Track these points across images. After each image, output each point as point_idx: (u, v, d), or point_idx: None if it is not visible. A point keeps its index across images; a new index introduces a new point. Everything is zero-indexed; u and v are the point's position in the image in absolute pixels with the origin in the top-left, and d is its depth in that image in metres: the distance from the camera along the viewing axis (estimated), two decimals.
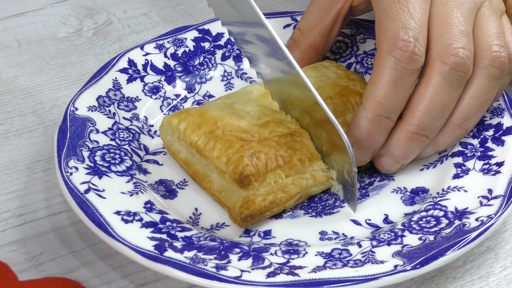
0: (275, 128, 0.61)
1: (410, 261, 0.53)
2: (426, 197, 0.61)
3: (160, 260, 0.53)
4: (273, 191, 0.58)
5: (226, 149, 0.58)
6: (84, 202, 0.56)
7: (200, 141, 0.60)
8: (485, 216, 0.56)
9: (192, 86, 0.71)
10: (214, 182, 0.60)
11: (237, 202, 0.58)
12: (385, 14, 0.59)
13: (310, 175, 0.60)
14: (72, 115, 0.64)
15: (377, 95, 0.58)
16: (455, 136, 0.62)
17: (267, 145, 0.59)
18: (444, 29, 0.59)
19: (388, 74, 0.58)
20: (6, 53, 0.81)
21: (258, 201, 0.57)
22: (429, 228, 0.57)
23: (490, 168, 0.61)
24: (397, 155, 0.61)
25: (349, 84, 0.65)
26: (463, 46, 0.58)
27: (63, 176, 0.58)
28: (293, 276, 0.52)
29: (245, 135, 0.60)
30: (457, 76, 0.58)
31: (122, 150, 0.63)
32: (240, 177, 0.57)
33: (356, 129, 0.59)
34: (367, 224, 0.59)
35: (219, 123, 0.60)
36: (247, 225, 0.58)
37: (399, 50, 0.57)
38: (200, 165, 0.61)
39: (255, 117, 0.62)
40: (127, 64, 0.70)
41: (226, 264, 0.53)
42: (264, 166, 0.58)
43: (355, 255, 0.55)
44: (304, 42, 0.68)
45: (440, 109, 0.59)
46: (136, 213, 0.57)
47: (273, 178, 0.58)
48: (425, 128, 0.59)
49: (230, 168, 0.57)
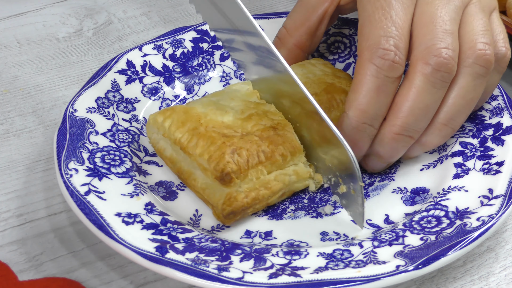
0: (258, 121, 0.61)
1: (412, 261, 0.53)
2: (426, 197, 0.61)
3: (162, 261, 0.53)
4: (255, 188, 0.58)
5: (208, 146, 0.58)
6: (84, 204, 0.56)
7: (183, 138, 0.60)
8: (486, 216, 0.56)
9: (191, 87, 0.71)
10: (198, 179, 0.60)
11: (220, 199, 0.58)
12: (367, 21, 0.59)
13: (293, 171, 0.60)
14: (71, 116, 0.64)
15: (360, 103, 0.58)
16: (442, 136, 0.62)
17: (249, 140, 0.59)
18: (428, 29, 0.59)
19: (369, 82, 0.58)
20: (6, 53, 0.80)
21: (241, 198, 0.58)
22: (430, 228, 0.57)
23: (490, 168, 0.61)
24: (382, 155, 0.61)
25: (335, 82, 0.65)
26: (446, 46, 0.58)
27: (63, 178, 0.58)
28: (295, 277, 0.52)
29: (228, 131, 0.60)
30: (440, 76, 0.58)
31: (122, 151, 0.63)
32: (221, 175, 0.57)
33: None
34: (368, 224, 0.59)
35: (202, 120, 0.60)
36: (230, 222, 0.58)
37: (380, 59, 0.57)
38: (184, 163, 0.61)
39: (239, 111, 0.62)
40: (126, 65, 0.70)
41: (228, 265, 0.53)
42: (245, 163, 0.58)
43: (356, 256, 0.55)
44: (290, 41, 0.68)
45: (423, 110, 0.59)
46: (137, 215, 0.57)
47: (255, 174, 0.58)
48: (408, 129, 0.59)
49: (212, 166, 0.57)
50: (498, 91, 0.67)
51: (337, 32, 0.75)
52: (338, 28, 0.75)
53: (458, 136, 0.65)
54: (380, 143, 0.60)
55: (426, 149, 0.63)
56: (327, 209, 0.60)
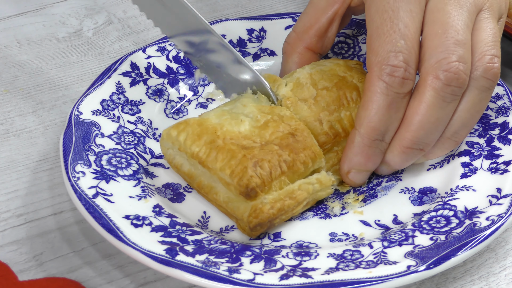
0: (276, 128, 0.59)
1: (423, 262, 0.53)
2: (434, 197, 0.61)
3: (172, 264, 0.52)
4: (280, 198, 0.57)
5: (229, 160, 0.57)
6: (93, 207, 0.56)
7: (201, 152, 0.58)
8: (495, 215, 0.57)
9: (196, 89, 0.71)
10: (220, 193, 0.59)
11: (244, 212, 0.57)
12: (375, 34, 0.58)
13: (316, 180, 0.59)
14: (76, 119, 0.63)
15: (371, 121, 0.58)
16: (445, 148, 0.61)
17: (269, 150, 0.58)
18: (439, 40, 0.57)
19: (379, 99, 0.58)
20: (6, 53, 0.80)
21: (266, 209, 0.57)
22: (440, 228, 0.57)
23: (498, 167, 0.61)
24: (392, 165, 0.61)
25: (347, 75, 0.64)
26: (457, 60, 0.57)
27: (71, 180, 0.58)
28: (306, 278, 0.52)
29: (246, 142, 0.58)
30: (450, 91, 0.57)
31: (128, 154, 0.63)
32: (246, 190, 0.56)
33: (354, 155, 0.60)
34: (376, 224, 0.59)
35: (218, 132, 0.59)
36: (256, 234, 0.57)
37: (389, 76, 0.57)
38: (204, 177, 0.60)
39: (254, 118, 0.60)
40: (130, 67, 0.70)
41: (239, 267, 0.53)
42: (268, 175, 0.57)
43: (367, 256, 0.55)
44: (300, 44, 0.68)
45: (433, 124, 0.58)
46: (145, 217, 0.57)
47: (278, 185, 0.57)
48: (419, 143, 0.59)
49: (235, 181, 0.56)
50: (504, 91, 0.67)
51: (340, 33, 0.75)
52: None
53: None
54: (390, 155, 0.60)
55: (429, 159, 0.63)
56: (336, 209, 0.60)
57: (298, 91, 0.63)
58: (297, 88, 0.63)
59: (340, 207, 0.61)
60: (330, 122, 0.61)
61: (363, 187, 0.62)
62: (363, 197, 0.61)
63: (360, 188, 0.62)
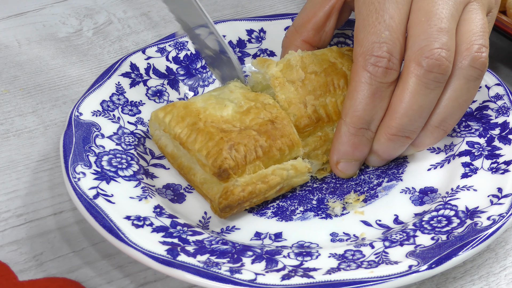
0: (257, 115, 0.61)
1: (425, 261, 0.53)
2: (435, 197, 0.61)
3: (174, 264, 0.52)
4: (252, 182, 0.58)
5: (207, 141, 0.59)
6: (93, 208, 0.56)
7: (183, 134, 0.60)
8: (496, 214, 0.57)
9: (195, 89, 0.71)
10: (197, 174, 0.60)
11: (217, 193, 0.58)
12: (362, 25, 0.59)
13: (291, 166, 0.60)
14: (76, 120, 0.63)
15: (356, 110, 0.59)
16: (434, 137, 0.62)
17: (247, 135, 0.59)
18: (422, 28, 0.58)
19: (364, 89, 0.59)
20: (6, 53, 0.80)
21: (237, 192, 0.58)
22: (441, 227, 0.57)
23: (498, 167, 0.61)
24: (380, 154, 0.62)
25: (337, 62, 0.65)
26: (440, 46, 0.57)
27: (71, 181, 0.58)
28: (308, 278, 0.52)
29: (226, 126, 0.60)
30: (433, 77, 0.58)
31: (128, 154, 0.63)
32: (219, 171, 0.57)
33: (341, 145, 0.61)
34: (377, 224, 0.59)
35: (201, 115, 0.60)
36: (226, 216, 0.59)
37: (373, 66, 0.58)
38: (184, 158, 0.61)
39: (238, 104, 0.62)
40: (130, 68, 0.69)
41: (240, 267, 0.53)
42: (243, 158, 0.58)
43: (368, 256, 0.55)
44: (297, 37, 0.68)
45: (417, 111, 0.59)
46: (146, 218, 0.57)
47: (252, 169, 0.58)
48: (403, 130, 0.60)
49: (210, 162, 0.58)
50: (504, 91, 0.67)
51: (340, 33, 0.75)
52: (341, 29, 0.75)
53: (464, 135, 0.65)
54: (377, 143, 0.61)
55: (418, 150, 0.63)
56: (337, 210, 0.60)
57: (288, 72, 0.63)
58: (287, 69, 0.63)
59: (341, 207, 0.61)
60: (315, 106, 0.62)
61: (364, 187, 0.62)
62: (364, 197, 0.61)
63: (360, 188, 0.62)
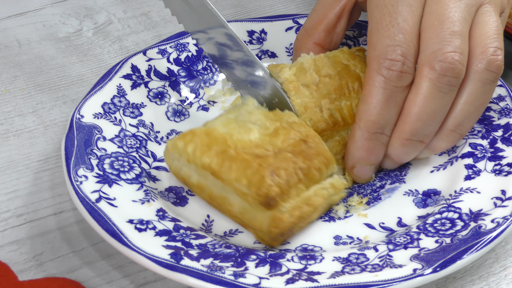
0: (287, 136, 0.58)
1: (429, 265, 0.53)
2: (438, 199, 0.61)
3: (177, 268, 0.52)
4: (298, 206, 0.56)
5: (244, 169, 0.56)
6: (96, 211, 0.56)
7: (213, 163, 0.57)
8: (500, 217, 0.56)
9: (197, 91, 0.71)
10: (234, 204, 0.57)
11: (263, 222, 0.56)
12: (375, 28, 0.59)
13: (329, 184, 0.59)
14: (78, 122, 0.63)
15: (370, 115, 0.59)
16: (450, 141, 0.61)
17: (284, 158, 0.57)
18: (435, 31, 0.58)
19: (378, 93, 0.58)
20: (6, 53, 0.80)
21: (286, 218, 0.55)
22: (445, 230, 0.57)
23: (501, 169, 0.61)
24: (393, 158, 0.61)
25: (350, 64, 0.64)
26: (453, 50, 0.57)
27: (73, 185, 0.57)
28: (312, 282, 0.52)
29: (259, 150, 0.57)
30: (446, 81, 0.57)
31: (130, 157, 0.62)
32: (267, 200, 0.55)
33: (355, 149, 0.60)
34: (381, 227, 0.59)
35: (229, 141, 0.57)
36: (278, 244, 0.57)
37: (387, 70, 0.57)
38: (215, 188, 0.58)
39: (263, 126, 0.59)
40: (131, 70, 0.69)
41: (244, 271, 0.53)
42: (286, 183, 0.56)
43: (372, 260, 0.55)
44: (309, 40, 0.68)
45: (431, 115, 0.59)
46: (149, 221, 0.56)
47: (295, 192, 0.56)
48: (417, 134, 0.59)
49: (253, 191, 0.55)
50: (506, 92, 0.67)
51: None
52: None
53: (467, 137, 0.64)
54: (391, 148, 0.60)
55: (434, 153, 0.63)
56: (340, 212, 0.60)
57: (301, 76, 0.63)
58: (300, 73, 0.63)
59: (344, 210, 0.60)
60: (330, 110, 0.62)
61: (367, 189, 0.62)
62: (367, 200, 0.61)
63: (363, 191, 0.62)
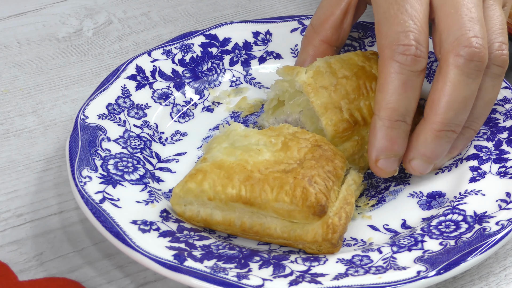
0: (298, 145, 0.58)
1: (433, 267, 0.53)
2: (443, 201, 0.60)
3: (181, 270, 0.52)
4: (341, 207, 0.56)
5: (281, 187, 0.55)
6: (100, 212, 0.56)
7: (242, 192, 0.55)
8: (505, 220, 0.56)
9: (201, 92, 0.71)
10: (275, 227, 0.56)
11: (316, 233, 0.55)
12: (383, 18, 0.59)
13: (352, 180, 0.59)
14: (82, 123, 0.63)
15: (389, 102, 0.58)
16: (466, 138, 0.61)
17: (310, 166, 0.56)
18: (453, 19, 0.58)
19: (395, 79, 0.58)
20: (6, 53, 0.80)
21: (337, 221, 0.55)
22: (449, 232, 0.56)
23: (506, 171, 0.61)
24: (428, 155, 0.60)
25: (365, 65, 0.64)
26: (475, 35, 0.57)
27: (77, 185, 0.57)
28: (315, 284, 0.52)
29: (283, 166, 0.56)
30: (473, 66, 0.57)
31: (135, 158, 0.62)
32: (320, 208, 0.54)
33: (378, 140, 0.59)
34: (385, 229, 0.59)
35: (248, 166, 0.56)
36: (338, 249, 0.56)
37: (402, 55, 0.57)
38: (246, 218, 0.56)
39: (269, 144, 0.58)
40: (135, 71, 0.69)
41: (247, 273, 0.53)
42: (325, 188, 0.55)
43: (376, 262, 0.54)
44: (316, 37, 0.68)
45: (462, 103, 0.58)
46: (152, 222, 0.56)
47: (334, 195, 0.56)
48: (450, 124, 0.58)
49: (300, 204, 0.54)
50: (511, 94, 0.67)
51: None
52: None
53: (472, 139, 0.64)
54: (424, 144, 0.59)
55: (453, 155, 0.62)
56: None
57: (319, 78, 0.63)
58: (318, 75, 0.63)
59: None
60: (350, 110, 0.62)
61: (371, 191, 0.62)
62: (375, 202, 0.61)
63: (368, 192, 0.62)
